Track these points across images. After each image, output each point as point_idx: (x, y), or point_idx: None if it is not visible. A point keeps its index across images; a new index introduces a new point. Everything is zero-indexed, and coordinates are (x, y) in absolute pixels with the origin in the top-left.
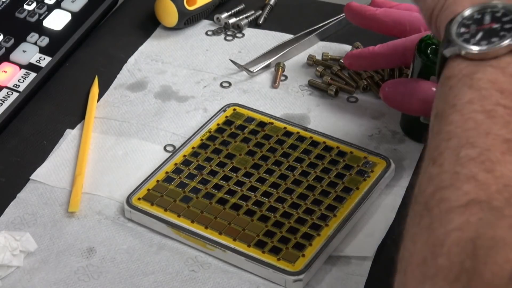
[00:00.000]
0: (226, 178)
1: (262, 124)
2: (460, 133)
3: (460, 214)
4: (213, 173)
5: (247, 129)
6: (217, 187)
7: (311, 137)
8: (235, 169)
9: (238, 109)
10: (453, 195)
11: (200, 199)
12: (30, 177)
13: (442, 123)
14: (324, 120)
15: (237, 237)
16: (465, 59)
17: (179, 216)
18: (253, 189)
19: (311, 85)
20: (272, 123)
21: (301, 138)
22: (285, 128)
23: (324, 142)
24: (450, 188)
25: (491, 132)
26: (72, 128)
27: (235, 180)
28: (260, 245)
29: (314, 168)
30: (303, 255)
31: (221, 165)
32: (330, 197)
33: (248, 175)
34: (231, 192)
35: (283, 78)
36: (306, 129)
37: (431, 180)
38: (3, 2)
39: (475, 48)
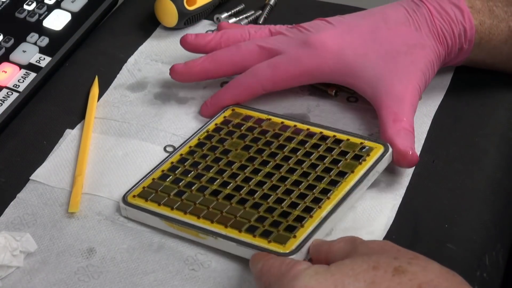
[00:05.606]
0: (220, 171)
1: (259, 121)
2: None
3: None
4: (208, 168)
5: (244, 126)
6: (211, 180)
7: (307, 129)
8: (230, 163)
9: (237, 109)
10: None
11: (194, 193)
12: (30, 177)
13: None
14: (324, 120)
15: (228, 224)
16: None
17: (172, 209)
18: (247, 179)
19: (311, 85)
20: (269, 119)
21: (298, 131)
22: (282, 122)
23: (321, 132)
24: None
25: None
26: (72, 128)
27: (229, 173)
28: (251, 230)
29: (309, 157)
30: (295, 236)
31: (217, 160)
32: (324, 182)
33: (243, 167)
34: (225, 184)
35: None
36: (303, 122)
37: None
38: (3, 2)
39: None
